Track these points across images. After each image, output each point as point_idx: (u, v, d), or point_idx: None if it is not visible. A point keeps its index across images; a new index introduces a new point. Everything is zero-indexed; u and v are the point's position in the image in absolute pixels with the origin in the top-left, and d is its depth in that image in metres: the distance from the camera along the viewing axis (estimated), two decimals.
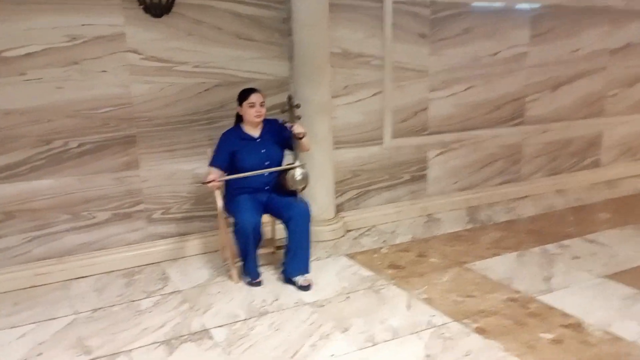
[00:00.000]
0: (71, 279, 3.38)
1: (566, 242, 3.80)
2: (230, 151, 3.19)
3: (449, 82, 4.54)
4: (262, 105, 3.21)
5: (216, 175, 3.06)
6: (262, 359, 2.42)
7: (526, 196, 5.06)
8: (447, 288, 3.10)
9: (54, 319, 2.87)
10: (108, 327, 2.76)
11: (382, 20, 4.12)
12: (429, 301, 2.93)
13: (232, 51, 3.70)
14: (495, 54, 4.71)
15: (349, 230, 4.18)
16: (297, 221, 3.10)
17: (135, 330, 2.71)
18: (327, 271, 3.40)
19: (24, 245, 3.34)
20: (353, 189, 4.31)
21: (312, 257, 3.30)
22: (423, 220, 4.42)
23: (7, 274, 3.27)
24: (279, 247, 3.61)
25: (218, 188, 3.14)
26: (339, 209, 4.25)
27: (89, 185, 3.44)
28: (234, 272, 3.24)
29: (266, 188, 3.24)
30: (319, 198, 3.97)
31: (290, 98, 3.31)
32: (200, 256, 3.69)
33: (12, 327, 2.79)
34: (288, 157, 3.36)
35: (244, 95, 3.20)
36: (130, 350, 2.52)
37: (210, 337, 2.61)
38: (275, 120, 3.39)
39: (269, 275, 3.32)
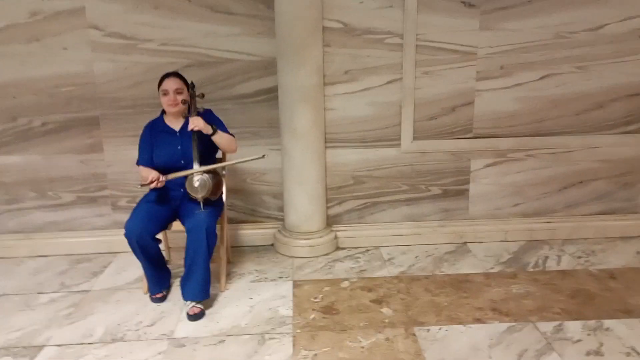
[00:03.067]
0: (33, 256, 3.40)
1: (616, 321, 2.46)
2: (150, 144, 2.77)
3: (512, 68, 3.31)
4: (178, 92, 2.69)
5: (156, 175, 2.61)
6: None
7: (637, 236, 3.50)
8: (353, 358, 2.23)
9: None
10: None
11: None
12: None
13: (205, 26, 3.22)
14: (598, 28, 3.26)
15: (341, 249, 3.41)
16: (192, 235, 2.56)
17: (7, 327, 2.55)
18: (247, 298, 2.79)
19: None
20: (355, 198, 3.48)
21: (224, 278, 2.75)
22: (448, 249, 3.37)
23: None
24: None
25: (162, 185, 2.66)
26: (333, 220, 3.49)
27: (53, 164, 3.39)
28: (145, 282, 2.85)
29: (182, 190, 2.74)
30: (298, 205, 3.30)
31: (192, 85, 2.71)
32: None
33: None
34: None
35: (160, 80, 2.72)
36: None
37: (33, 357, 2.30)
38: (209, 111, 2.84)
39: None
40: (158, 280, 2.73)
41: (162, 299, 2.75)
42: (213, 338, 2.42)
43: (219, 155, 3.01)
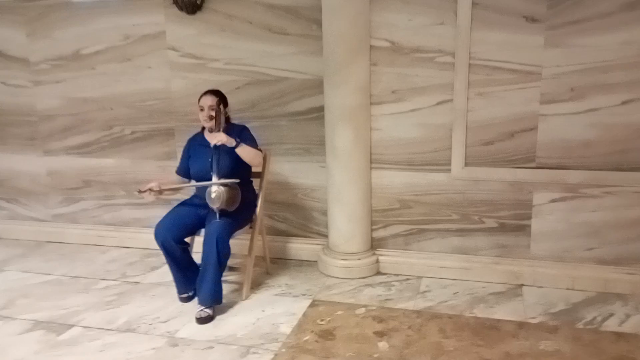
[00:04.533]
0: (118, 247, 3.92)
1: None
2: (188, 156, 3.04)
3: (585, 91, 2.88)
4: (212, 109, 2.89)
5: (156, 184, 2.91)
6: None
7: None
8: None
9: (48, 274, 3.47)
10: (56, 293, 3.15)
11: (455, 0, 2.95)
12: None
13: (262, 46, 3.40)
14: None
15: (382, 274, 3.31)
16: (205, 243, 2.74)
17: (51, 304, 3.01)
18: (259, 310, 2.87)
19: (96, 209, 4.07)
20: (401, 223, 3.33)
21: (247, 287, 2.96)
22: (497, 289, 3.05)
23: (81, 230, 4.07)
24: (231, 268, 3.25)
25: (155, 197, 2.89)
26: (378, 244, 3.39)
27: (139, 168, 3.87)
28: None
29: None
30: (339, 225, 3.29)
31: (219, 103, 2.86)
32: None
33: (24, 272, 3.51)
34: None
35: (200, 97, 2.96)
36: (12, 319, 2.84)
37: (60, 333, 2.68)
38: (245, 128, 3.00)
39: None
40: (184, 281, 2.95)
41: (188, 300, 2.96)
42: (205, 343, 2.55)
43: (258, 169, 3.14)
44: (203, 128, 3.06)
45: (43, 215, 4.19)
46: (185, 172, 3.03)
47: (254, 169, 3.12)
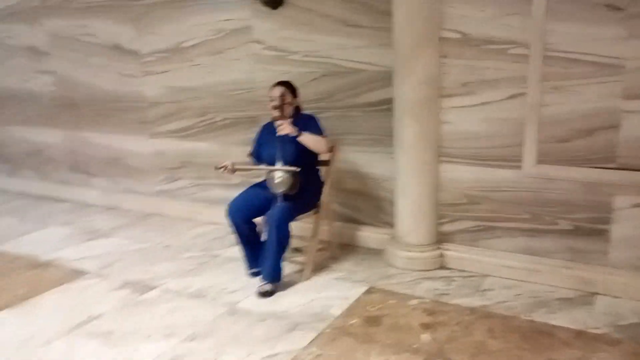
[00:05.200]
0: (208, 223, 4.30)
1: None
2: (259, 143, 3.27)
3: None
4: (282, 99, 3.08)
5: (230, 163, 3.19)
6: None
7: None
8: None
9: (145, 242, 3.93)
10: (147, 259, 3.58)
11: None
12: None
13: (337, 39, 3.52)
14: None
15: (446, 268, 3.30)
16: (268, 224, 2.95)
17: (141, 268, 3.43)
18: (316, 292, 3.02)
19: (192, 188, 4.50)
20: (469, 218, 3.28)
21: (309, 269, 3.16)
22: (565, 295, 2.90)
23: (178, 205, 4.52)
24: (320, 249, 3.40)
25: (230, 174, 3.21)
26: (445, 238, 3.36)
27: (225, 152, 4.19)
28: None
29: None
30: (403, 217, 3.34)
31: (282, 94, 3.00)
32: None
33: (127, 239, 4.02)
34: None
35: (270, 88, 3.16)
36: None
37: (142, 294, 3.06)
38: (312, 118, 3.16)
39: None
40: (251, 258, 3.19)
41: (255, 275, 3.19)
42: (259, 315, 2.76)
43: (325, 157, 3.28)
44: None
45: (149, 190, 4.72)
46: (256, 156, 3.26)
47: (322, 157, 3.26)
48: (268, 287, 2.97)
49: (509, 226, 3.16)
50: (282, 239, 2.95)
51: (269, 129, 3.23)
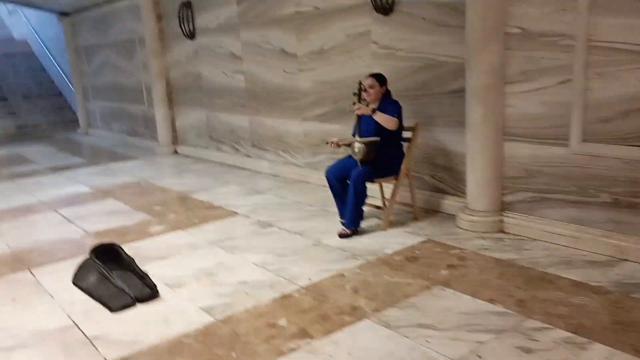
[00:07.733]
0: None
1: None
2: (358, 122, 4.23)
3: None
4: (371, 87, 3.99)
5: (336, 139, 4.20)
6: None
7: None
8: (374, 283, 3.13)
9: (284, 198, 5.21)
10: (280, 209, 4.82)
11: None
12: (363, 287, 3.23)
13: (431, 37, 4.26)
14: None
15: (504, 232, 3.82)
16: (350, 182, 3.90)
17: (272, 213, 4.69)
18: (386, 239, 3.82)
19: (329, 162, 5.65)
20: (527, 190, 3.73)
21: (386, 221, 4.02)
22: (598, 259, 3.24)
23: (318, 175, 5.72)
24: (377, 206, 4.28)
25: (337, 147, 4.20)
26: (507, 207, 3.86)
27: (348, 133, 5.24)
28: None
29: None
30: (470, 186, 3.96)
31: (360, 83, 3.85)
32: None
33: (274, 196, 5.36)
34: None
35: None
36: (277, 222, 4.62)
37: (264, 227, 4.30)
38: (393, 103, 4.00)
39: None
40: (342, 209, 4.13)
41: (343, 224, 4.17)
42: (332, 248, 3.72)
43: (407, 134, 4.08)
44: None
45: (300, 162, 6.00)
46: (354, 132, 4.21)
47: (404, 135, 4.06)
48: (348, 230, 3.91)
49: (559, 198, 3.54)
50: (359, 195, 3.86)
51: None
